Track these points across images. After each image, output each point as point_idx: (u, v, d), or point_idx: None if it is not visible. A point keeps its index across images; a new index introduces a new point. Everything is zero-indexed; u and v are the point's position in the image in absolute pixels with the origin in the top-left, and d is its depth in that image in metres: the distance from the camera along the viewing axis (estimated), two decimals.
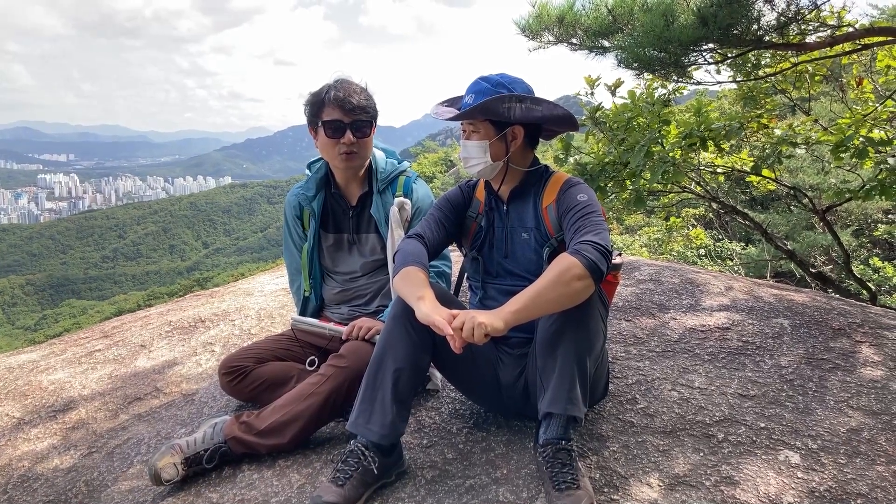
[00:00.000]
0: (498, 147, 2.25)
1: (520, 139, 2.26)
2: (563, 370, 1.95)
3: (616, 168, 4.59)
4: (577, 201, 2.15)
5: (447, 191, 2.57)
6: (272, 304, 4.00)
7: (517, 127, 2.24)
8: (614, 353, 2.89)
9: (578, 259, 1.89)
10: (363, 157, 2.61)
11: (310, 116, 2.58)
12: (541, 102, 2.18)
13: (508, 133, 2.24)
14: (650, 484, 2.01)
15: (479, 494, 2.00)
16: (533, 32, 4.19)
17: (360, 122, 2.53)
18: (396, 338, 2.08)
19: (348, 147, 2.52)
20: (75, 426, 2.77)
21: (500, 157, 2.26)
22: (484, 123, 2.22)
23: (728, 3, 3.27)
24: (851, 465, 2.09)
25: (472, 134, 2.25)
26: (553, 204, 2.23)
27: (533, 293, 1.88)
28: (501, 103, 2.14)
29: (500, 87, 2.20)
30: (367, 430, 2.01)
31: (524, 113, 2.18)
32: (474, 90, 2.23)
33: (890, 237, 9.41)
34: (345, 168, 2.61)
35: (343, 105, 2.48)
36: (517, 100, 2.15)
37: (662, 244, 10.43)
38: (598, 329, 2.04)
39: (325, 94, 2.51)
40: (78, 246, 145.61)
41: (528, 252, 2.28)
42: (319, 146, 2.60)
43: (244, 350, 2.62)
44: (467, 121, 2.26)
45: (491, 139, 2.23)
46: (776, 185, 5.44)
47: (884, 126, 4.46)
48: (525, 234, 2.29)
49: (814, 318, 3.13)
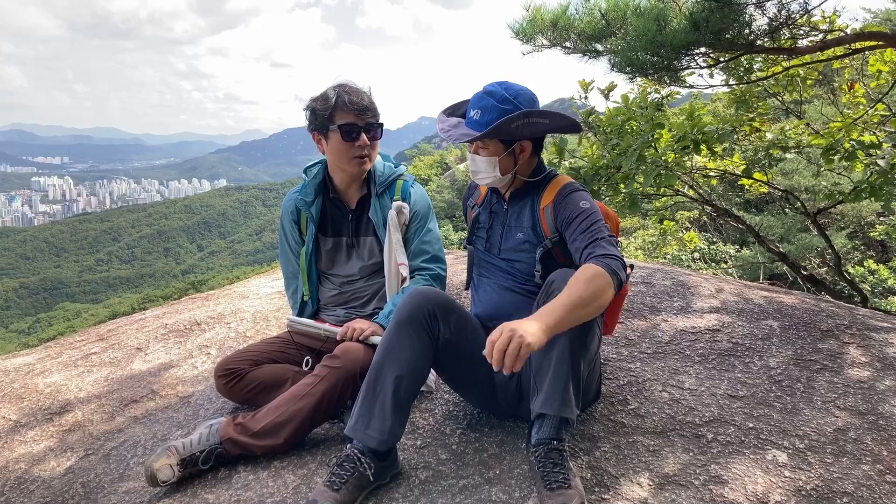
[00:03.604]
0: (507, 161, 2.27)
1: (527, 152, 2.30)
2: (558, 371, 1.96)
3: (609, 172, 4.62)
4: (580, 209, 2.16)
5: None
6: (267, 307, 4.02)
7: (525, 142, 2.27)
8: (606, 354, 2.92)
9: (608, 271, 1.91)
10: (373, 159, 2.64)
11: (318, 121, 2.54)
12: (546, 115, 2.18)
13: (517, 147, 2.27)
14: (640, 483, 2.04)
15: (472, 494, 2.02)
16: (527, 36, 4.22)
17: (371, 125, 2.56)
18: (398, 344, 2.09)
19: (363, 150, 2.54)
20: (72, 428, 2.78)
21: (508, 170, 2.29)
22: (493, 141, 2.24)
23: (720, 7, 3.30)
24: (838, 464, 2.12)
25: (481, 150, 2.27)
26: (550, 205, 2.26)
27: (570, 305, 1.84)
28: (510, 123, 2.14)
29: (506, 102, 2.19)
30: (365, 435, 2.03)
31: (533, 128, 2.19)
32: (479, 106, 2.22)
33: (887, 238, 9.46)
34: (359, 172, 2.62)
35: (356, 108, 2.50)
36: (525, 116, 2.14)
37: (657, 247, 10.47)
38: (593, 331, 2.06)
39: (337, 98, 2.50)
40: (72, 249, 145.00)
41: (520, 253, 2.32)
42: (330, 150, 2.58)
43: (240, 353, 2.63)
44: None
45: (500, 155, 2.25)
46: (769, 188, 5.48)
47: (874, 129, 4.51)
48: (521, 233, 2.33)
49: (802, 320, 3.17)
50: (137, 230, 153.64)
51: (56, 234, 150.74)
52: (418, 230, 2.72)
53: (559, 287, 1.93)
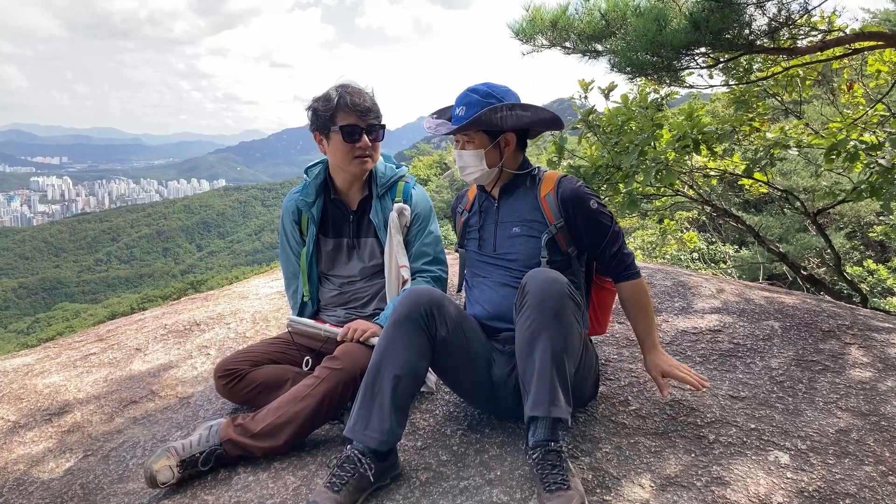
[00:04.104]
0: (493, 154, 2.36)
1: (512, 145, 2.39)
2: (542, 372, 1.97)
3: (609, 171, 4.62)
4: (598, 221, 2.33)
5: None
6: (267, 308, 4.01)
7: (509, 133, 2.36)
8: (607, 355, 2.91)
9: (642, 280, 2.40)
10: (375, 160, 2.64)
11: (320, 122, 2.55)
12: (528, 108, 2.30)
13: (501, 140, 2.35)
14: (642, 485, 2.03)
15: (473, 496, 2.01)
16: (527, 36, 4.22)
17: (374, 126, 2.56)
18: (395, 344, 2.10)
19: (364, 151, 2.54)
20: (71, 429, 2.77)
21: (494, 163, 2.37)
22: (478, 133, 2.33)
23: (720, 7, 3.30)
24: (840, 465, 2.11)
25: (467, 144, 2.36)
26: (552, 193, 2.34)
27: (649, 318, 2.39)
28: (494, 113, 2.25)
29: (489, 97, 2.30)
30: (365, 436, 2.02)
31: (515, 120, 2.29)
32: (464, 102, 2.33)
33: (886, 239, 9.46)
34: (360, 172, 2.62)
35: (358, 109, 2.50)
36: (508, 108, 2.26)
37: (656, 247, 10.47)
38: (573, 326, 2.04)
39: (339, 98, 2.50)
40: (71, 249, 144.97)
41: (517, 245, 2.38)
42: (332, 151, 2.58)
43: (239, 353, 2.63)
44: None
45: (486, 147, 2.34)
46: (769, 188, 5.48)
47: (874, 129, 4.50)
48: (516, 228, 2.39)
49: (804, 321, 3.16)
50: (136, 230, 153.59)
51: (55, 234, 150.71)
52: (419, 232, 2.72)
53: (533, 288, 2.04)
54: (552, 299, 2.00)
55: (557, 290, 2.01)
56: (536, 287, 2.03)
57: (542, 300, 2.01)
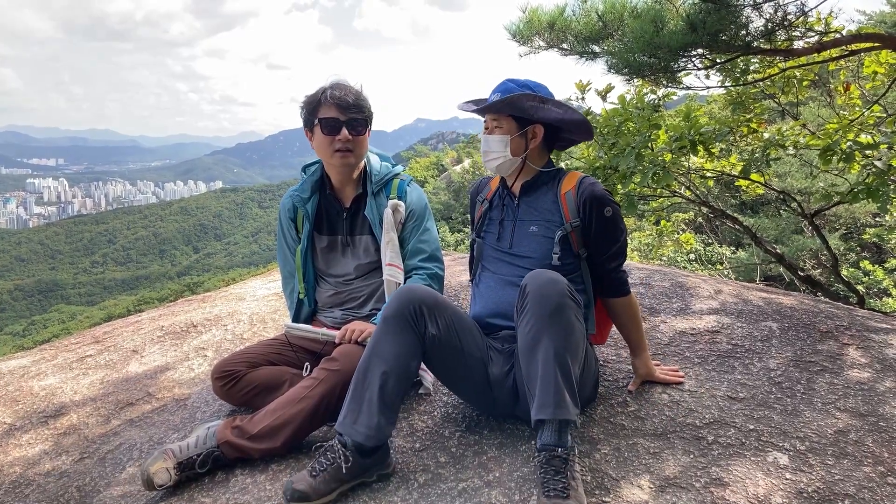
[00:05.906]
0: (518, 143, 2.38)
1: (539, 138, 2.40)
2: (546, 374, 1.96)
3: (606, 173, 4.62)
4: (610, 231, 2.37)
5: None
6: (264, 309, 4.00)
7: (538, 126, 2.38)
8: (605, 356, 2.91)
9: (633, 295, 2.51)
10: (358, 155, 2.63)
11: (306, 116, 2.61)
12: (561, 106, 2.34)
13: (529, 131, 2.38)
14: (641, 486, 2.03)
15: (471, 497, 2.01)
16: (524, 38, 4.22)
17: (355, 120, 2.57)
18: (384, 340, 2.11)
19: (343, 144, 2.55)
20: (67, 431, 2.76)
21: (519, 153, 2.39)
22: (507, 119, 2.37)
23: (716, 9, 3.30)
24: (839, 466, 2.11)
25: (496, 129, 2.39)
26: (572, 191, 2.37)
27: (641, 328, 2.55)
28: (527, 100, 2.30)
29: (525, 87, 2.35)
30: (353, 430, 2.03)
31: (545, 113, 2.33)
32: (501, 89, 2.37)
33: (879, 240, 9.49)
34: (340, 166, 2.63)
35: (339, 103, 2.53)
36: (541, 100, 2.30)
37: (653, 248, 10.47)
38: (574, 326, 2.03)
39: (322, 93, 2.56)
40: (67, 251, 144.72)
41: (533, 243, 2.39)
42: (315, 145, 2.63)
43: (237, 355, 2.62)
44: (492, 115, 2.40)
45: (512, 134, 2.37)
46: (765, 190, 5.48)
47: (870, 131, 4.51)
48: (534, 227, 2.40)
49: (801, 322, 3.16)
50: (133, 232, 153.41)
51: (51, 236, 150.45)
52: (415, 229, 2.72)
53: (532, 290, 2.04)
54: (551, 300, 1.99)
55: (557, 291, 2.01)
56: (535, 288, 2.03)
57: (542, 301, 2.00)
